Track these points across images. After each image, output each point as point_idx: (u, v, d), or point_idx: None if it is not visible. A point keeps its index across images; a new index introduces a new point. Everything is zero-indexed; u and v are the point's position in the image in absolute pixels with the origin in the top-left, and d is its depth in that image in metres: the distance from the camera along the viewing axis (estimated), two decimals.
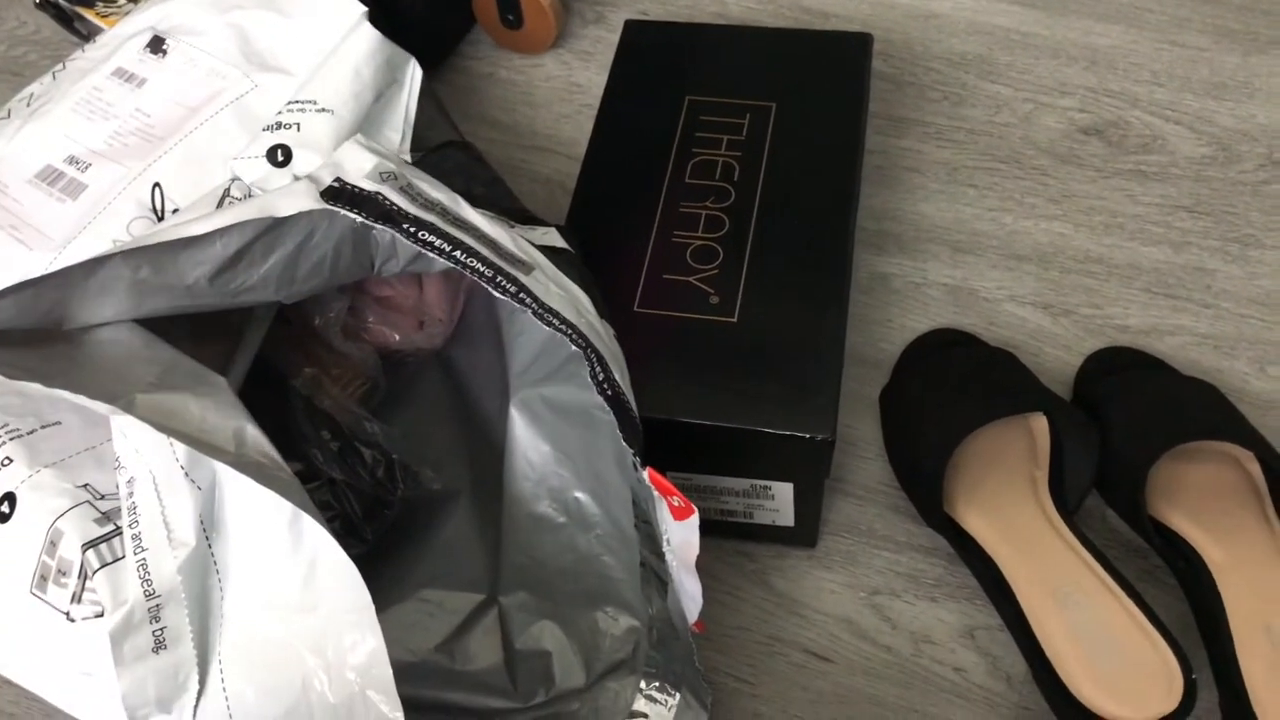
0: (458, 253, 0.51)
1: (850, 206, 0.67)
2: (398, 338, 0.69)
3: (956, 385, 0.68)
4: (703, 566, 0.66)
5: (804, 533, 0.66)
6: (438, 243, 0.51)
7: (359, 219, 0.51)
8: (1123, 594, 0.59)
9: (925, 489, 0.63)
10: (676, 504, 0.50)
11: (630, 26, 0.79)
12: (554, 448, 0.60)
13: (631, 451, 0.51)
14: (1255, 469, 0.65)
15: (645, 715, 0.59)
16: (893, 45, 0.92)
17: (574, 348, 0.51)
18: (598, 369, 0.51)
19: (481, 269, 0.51)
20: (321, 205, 0.51)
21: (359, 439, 0.65)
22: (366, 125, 0.67)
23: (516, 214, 0.63)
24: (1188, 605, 0.63)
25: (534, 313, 0.51)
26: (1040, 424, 0.66)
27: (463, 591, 0.62)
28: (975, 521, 0.64)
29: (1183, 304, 0.76)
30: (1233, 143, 0.84)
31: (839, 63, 0.75)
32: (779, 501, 0.63)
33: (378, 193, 0.52)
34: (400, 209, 0.52)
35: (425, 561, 0.64)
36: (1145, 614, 0.58)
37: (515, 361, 0.61)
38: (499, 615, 0.61)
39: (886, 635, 0.64)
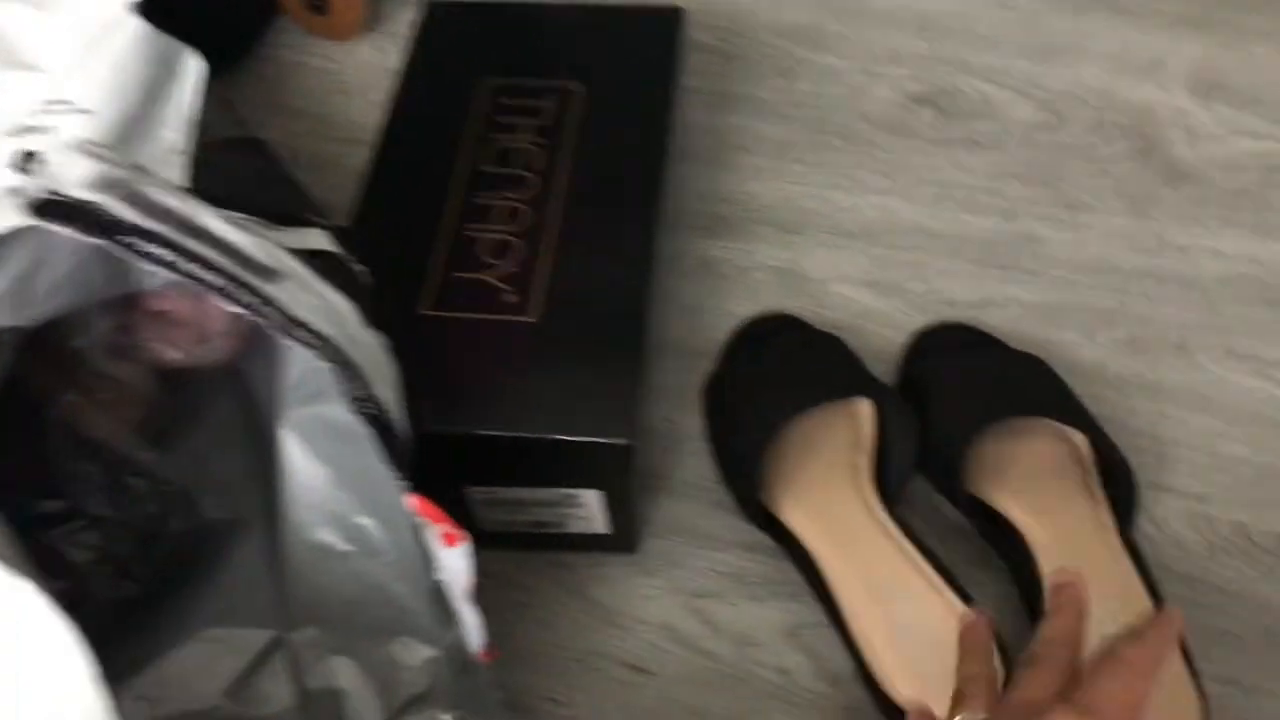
0: (185, 263, 0.46)
1: (657, 193, 0.64)
2: (177, 355, 0.63)
3: (775, 372, 0.65)
4: (517, 581, 0.63)
5: (622, 538, 0.62)
6: (160, 254, 0.46)
7: (70, 233, 0.46)
8: (945, 588, 0.57)
9: (741, 482, 0.60)
10: (446, 531, 0.46)
11: (432, 8, 0.74)
12: (332, 470, 0.56)
13: (397, 476, 0.47)
14: (1081, 441, 0.63)
15: None
16: (720, 17, 0.89)
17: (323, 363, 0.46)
18: (354, 385, 0.47)
19: (210, 279, 0.46)
20: (29, 221, 0.46)
21: (130, 470, 0.59)
22: (139, 125, 0.61)
23: (288, 217, 0.58)
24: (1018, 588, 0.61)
25: (274, 325, 0.46)
26: (864, 409, 0.64)
27: (250, 628, 0.58)
28: (793, 514, 0.61)
29: (1012, 274, 0.74)
30: (1063, 106, 0.82)
31: (651, 39, 0.72)
32: (589, 509, 0.59)
33: (94, 204, 0.47)
34: (120, 220, 0.46)
35: (210, 598, 0.59)
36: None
37: (287, 378, 0.57)
38: (289, 653, 0.57)
39: (709, 640, 0.60)
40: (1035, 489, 0.61)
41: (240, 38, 0.88)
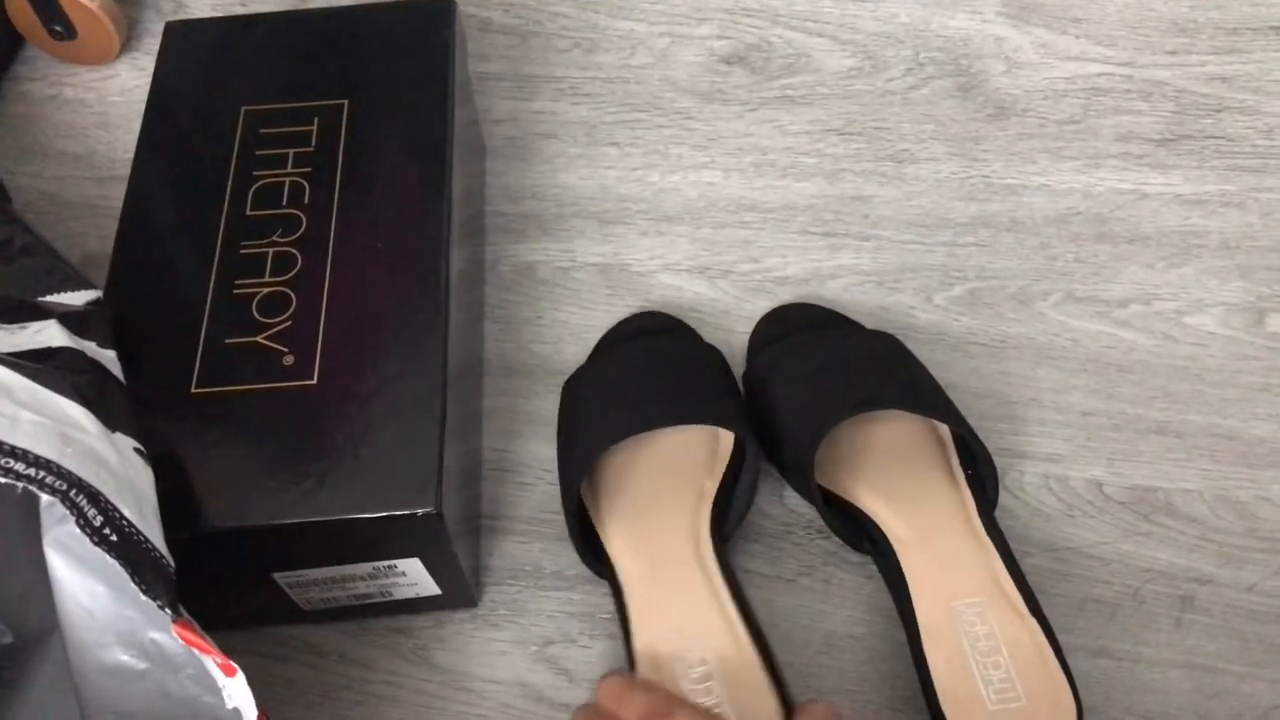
0: None
1: (440, 207, 0.58)
2: None
3: (639, 382, 0.60)
4: (354, 656, 0.58)
5: (456, 595, 0.57)
6: None
7: None
8: (747, 642, 0.53)
9: (566, 512, 0.56)
10: (219, 662, 0.41)
11: (171, 29, 0.66)
12: (109, 587, 0.49)
13: (157, 603, 0.41)
14: (941, 425, 0.60)
15: None
16: None
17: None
18: (91, 512, 0.41)
19: None
20: None
21: None
22: None
23: (20, 308, 0.51)
24: (881, 583, 0.58)
25: None
26: (726, 439, 0.59)
27: None
28: (617, 531, 0.57)
29: (842, 240, 0.70)
30: (878, 49, 0.78)
31: (419, 36, 0.65)
32: (412, 576, 0.54)
33: None
34: None
35: None
36: (763, 660, 0.52)
37: (42, 495, 0.50)
38: None
39: (564, 691, 0.56)
40: (893, 479, 0.57)
41: None
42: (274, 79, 0.63)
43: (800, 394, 0.58)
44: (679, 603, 0.54)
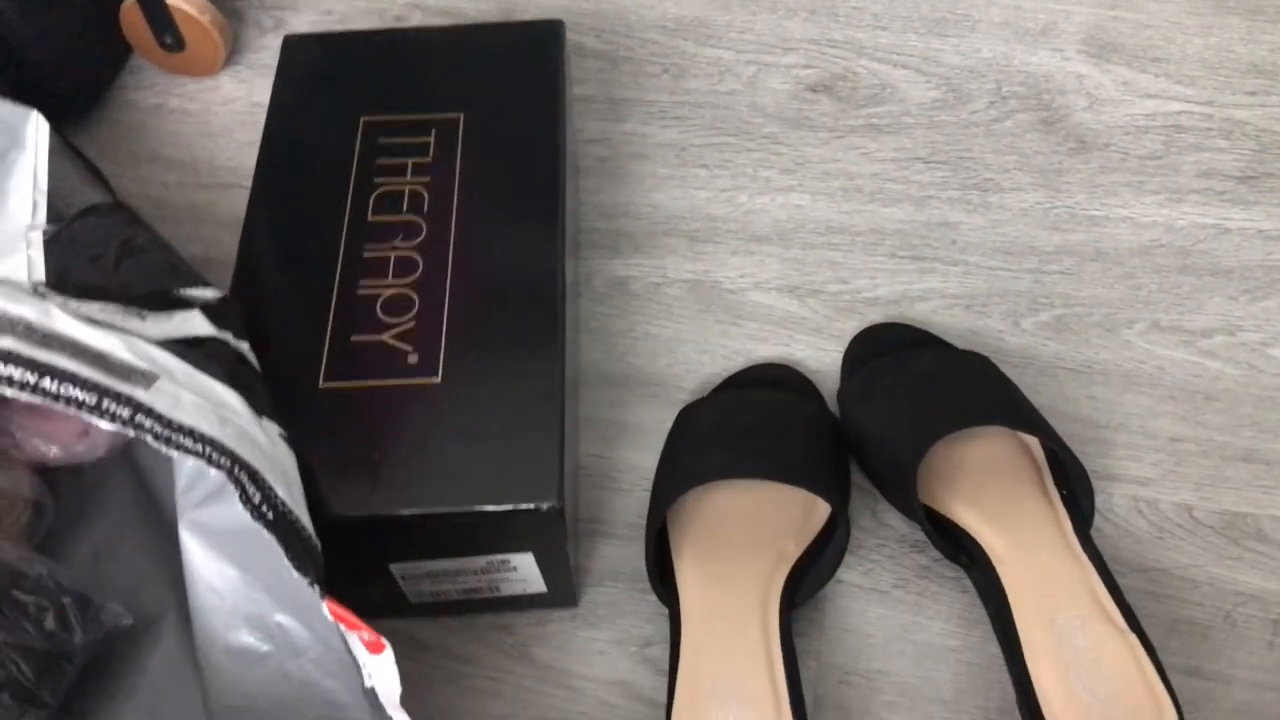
0: (46, 381, 0.41)
1: (555, 219, 0.60)
2: (56, 451, 0.58)
3: (734, 428, 0.61)
4: (457, 651, 0.59)
5: (561, 593, 0.59)
6: (17, 375, 0.41)
7: None
8: (787, 711, 0.52)
9: (648, 531, 0.57)
10: (366, 639, 0.42)
11: (289, 43, 0.68)
12: (240, 570, 0.51)
13: (308, 580, 0.43)
14: (1033, 442, 0.61)
15: None
16: (604, 18, 0.85)
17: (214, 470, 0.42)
18: (250, 489, 0.43)
19: (79, 396, 0.41)
20: None
21: (18, 586, 0.54)
22: None
23: (160, 297, 0.53)
24: (976, 596, 0.59)
25: (155, 437, 0.42)
26: (821, 507, 0.60)
27: None
28: (690, 573, 0.57)
29: (930, 264, 0.72)
30: (961, 81, 0.80)
31: (529, 56, 0.67)
32: (523, 571, 0.56)
33: None
34: None
35: (130, 710, 0.55)
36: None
37: (179, 478, 0.52)
38: None
39: (663, 691, 0.58)
40: (990, 495, 0.59)
41: (91, 84, 0.81)
42: (391, 92, 0.65)
43: (901, 409, 0.60)
44: (730, 656, 0.54)
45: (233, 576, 0.52)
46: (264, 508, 0.43)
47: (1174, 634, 0.57)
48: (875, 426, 0.61)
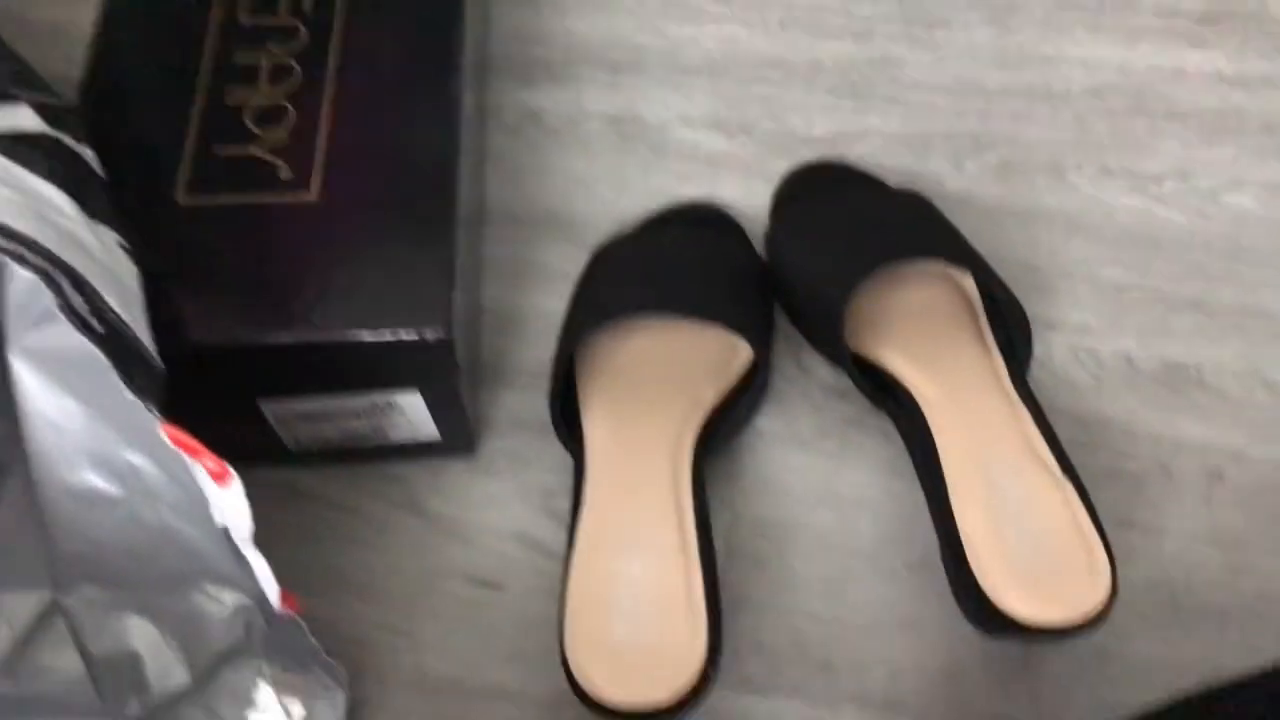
0: None
1: (456, 32, 0.54)
2: None
3: (650, 264, 0.56)
4: (341, 502, 0.55)
5: (456, 441, 0.54)
6: None
7: None
8: (693, 554, 0.49)
9: (554, 373, 0.52)
10: (211, 468, 0.37)
11: None
12: (83, 403, 0.46)
13: (144, 403, 0.38)
14: (969, 285, 0.57)
15: (275, 707, 0.47)
16: None
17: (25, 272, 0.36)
18: (73, 296, 0.37)
19: None
20: None
21: None
22: None
23: None
24: (902, 447, 0.55)
25: None
26: (744, 351, 0.55)
27: (21, 591, 0.48)
28: (598, 421, 0.53)
29: (869, 102, 0.66)
30: None
31: None
32: (411, 414, 0.51)
33: None
34: None
35: None
36: (706, 592, 0.48)
37: (8, 297, 0.46)
38: (67, 618, 0.48)
39: (566, 544, 0.54)
40: (921, 340, 0.54)
41: None
42: None
43: (830, 247, 0.55)
44: (636, 504, 0.50)
45: (74, 410, 0.46)
46: (91, 319, 0.37)
47: (1109, 485, 0.54)
48: (803, 266, 0.56)
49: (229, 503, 0.38)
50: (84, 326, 0.37)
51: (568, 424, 0.53)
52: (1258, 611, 0.51)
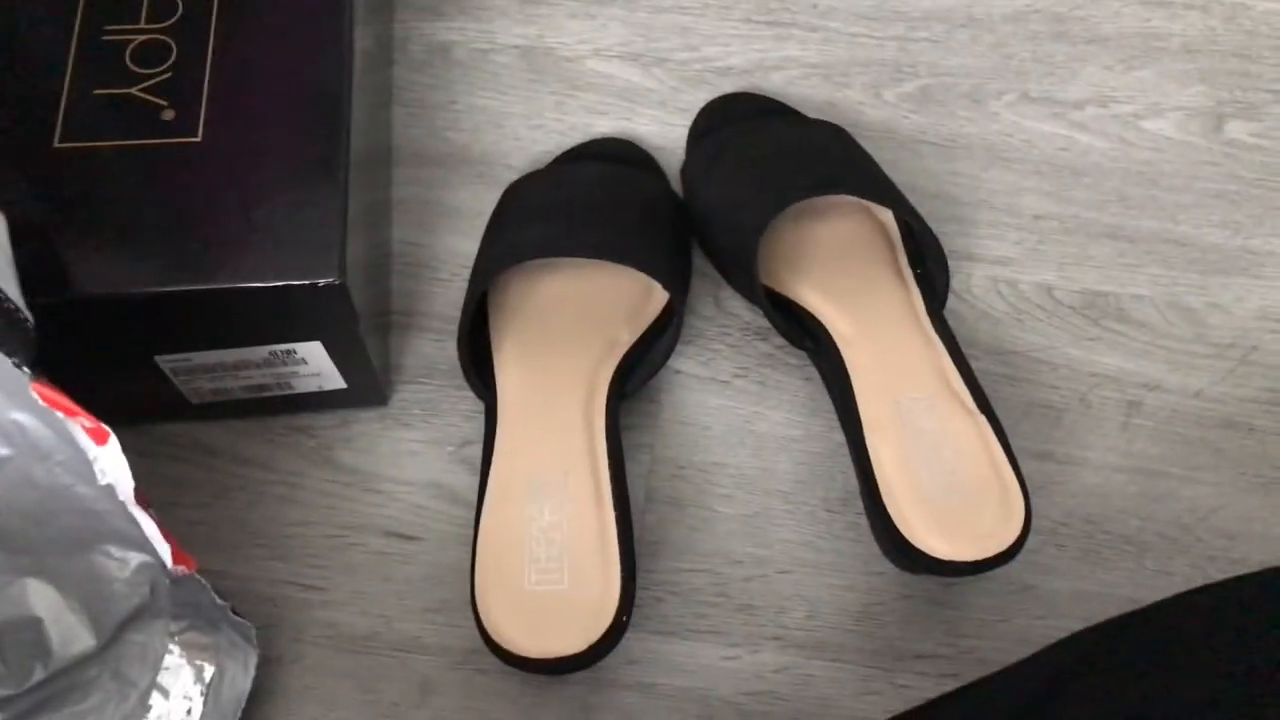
0: None
1: None
2: None
3: (560, 204, 0.54)
4: (249, 456, 0.53)
5: (365, 391, 0.52)
6: None
7: None
8: (607, 501, 0.48)
9: (462, 317, 0.50)
10: (88, 426, 0.35)
11: None
12: None
13: (13, 360, 0.36)
14: (887, 218, 0.56)
15: (184, 668, 0.46)
16: None
17: None
18: None
19: None
20: None
21: None
22: None
23: None
24: (821, 385, 0.54)
25: None
26: (658, 294, 0.54)
27: None
28: (507, 370, 0.52)
29: (787, 30, 0.65)
30: None
31: None
32: (314, 364, 0.49)
33: None
34: None
35: None
36: (619, 536, 0.47)
37: None
38: None
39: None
40: (838, 276, 0.54)
41: None
42: None
43: (745, 179, 0.53)
44: (548, 448, 0.49)
45: None
46: None
47: (1028, 417, 0.54)
48: (718, 199, 0.54)
49: (109, 461, 0.37)
50: None
51: (479, 369, 0.52)
52: (1175, 540, 0.52)
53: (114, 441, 0.36)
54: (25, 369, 0.36)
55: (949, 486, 0.47)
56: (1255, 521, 0.52)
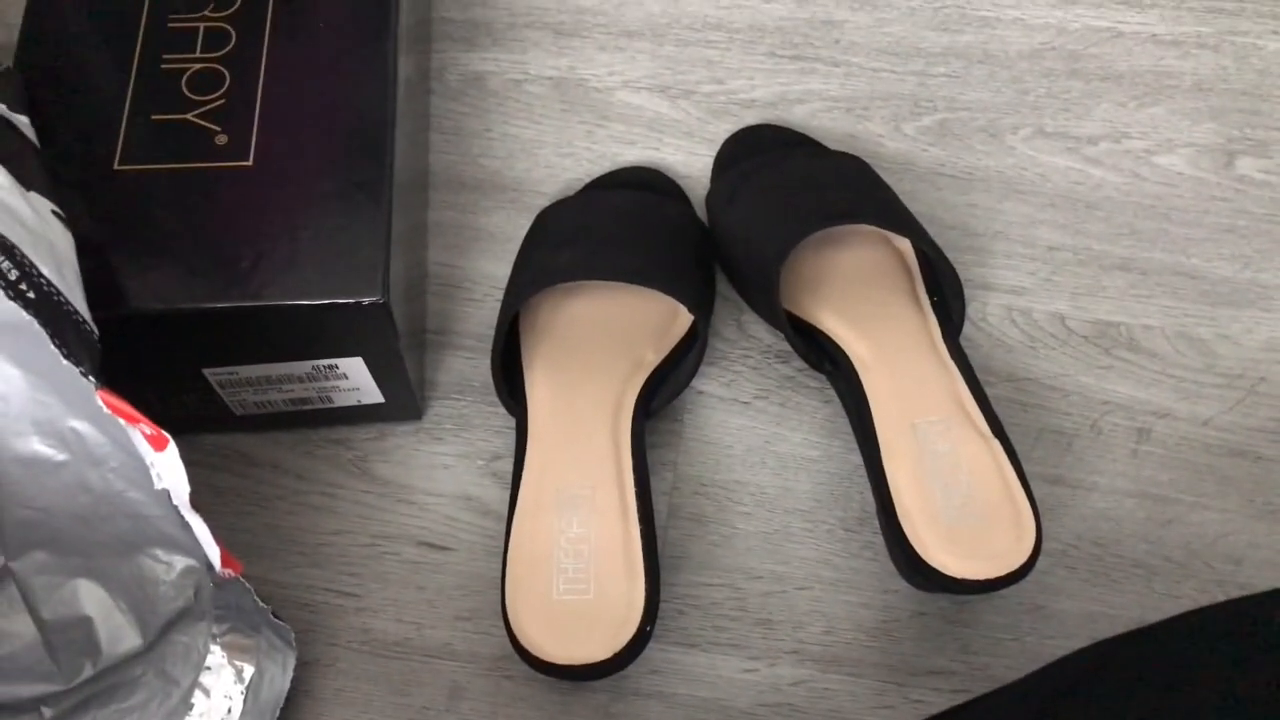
0: None
1: None
2: None
3: (590, 228, 0.56)
4: (288, 466, 0.55)
5: (401, 406, 0.55)
6: None
7: None
8: (632, 517, 0.50)
9: (496, 337, 0.52)
10: (148, 433, 0.38)
11: None
12: (24, 370, 0.46)
13: (80, 369, 0.38)
14: (905, 247, 0.58)
15: (225, 668, 0.48)
16: None
17: None
18: (3, 264, 0.37)
19: None
20: None
21: None
22: None
23: None
24: (840, 407, 0.56)
25: None
26: (684, 316, 0.56)
27: None
28: (537, 388, 0.54)
29: (810, 65, 0.67)
30: None
31: None
32: (355, 379, 0.51)
33: None
34: None
35: None
36: (645, 550, 0.49)
37: None
38: (17, 584, 0.48)
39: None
40: (857, 301, 0.55)
41: None
42: None
43: (768, 208, 0.56)
44: (577, 464, 0.51)
45: (16, 378, 0.47)
46: (22, 285, 0.38)
47: (1040, 443, 0.55)
48: (741, 227, 0.57)
49: (166, 466, 0.39)
50: (15, 295, 0.37)
51: (510, 387, 0.54)
52: (1182, 564, 0.53)
53: (172, 447, 0.38)
54: (91, 378, 0.38)
55: (963, 508, 0.49)
56: (1261, 548, 0.54)
